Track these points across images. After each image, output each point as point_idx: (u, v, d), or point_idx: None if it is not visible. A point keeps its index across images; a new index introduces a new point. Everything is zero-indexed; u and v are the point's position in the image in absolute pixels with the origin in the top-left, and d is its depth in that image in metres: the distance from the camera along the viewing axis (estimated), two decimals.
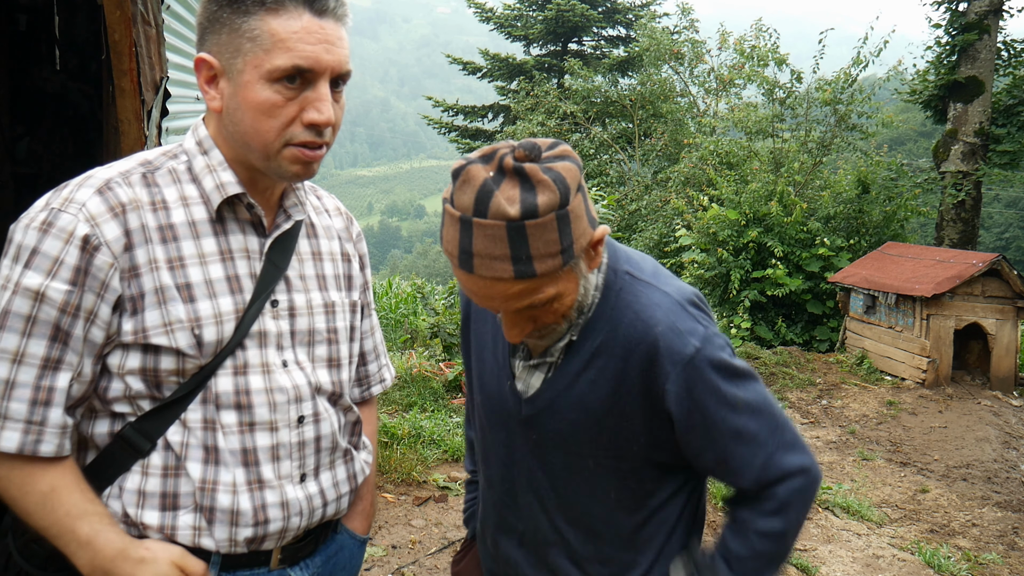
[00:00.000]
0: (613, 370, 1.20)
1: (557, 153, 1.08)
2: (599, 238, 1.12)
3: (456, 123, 21.18)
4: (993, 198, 29.17)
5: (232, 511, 1.18)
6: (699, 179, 12.38)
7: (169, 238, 1.16)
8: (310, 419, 1.27)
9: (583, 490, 1.27)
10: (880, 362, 7.70)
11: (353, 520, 1.45)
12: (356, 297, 1.41)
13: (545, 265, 1.05)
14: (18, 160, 4.36)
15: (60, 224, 1.09)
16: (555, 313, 1.15)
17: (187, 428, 1.17)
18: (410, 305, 10.38)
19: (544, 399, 1.25)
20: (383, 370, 1.57)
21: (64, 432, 1.13)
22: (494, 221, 1.02)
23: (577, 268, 1.12)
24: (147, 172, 1.19)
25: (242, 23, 1.12)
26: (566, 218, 1.04)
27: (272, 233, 1.25)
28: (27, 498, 1.11)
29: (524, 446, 1.30)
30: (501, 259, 1.04)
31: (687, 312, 1.20)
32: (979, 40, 11.59)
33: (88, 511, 1.13)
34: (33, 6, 4.23)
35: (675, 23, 15.97)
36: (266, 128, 1.14)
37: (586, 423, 1.23)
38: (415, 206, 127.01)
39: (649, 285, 1.22)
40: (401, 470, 4.37)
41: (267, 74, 1.11)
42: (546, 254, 1.05)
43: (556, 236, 1.04)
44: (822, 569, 3.75)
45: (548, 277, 1.07)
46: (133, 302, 1.13)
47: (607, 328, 1.20)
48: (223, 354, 1.18)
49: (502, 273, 1.05)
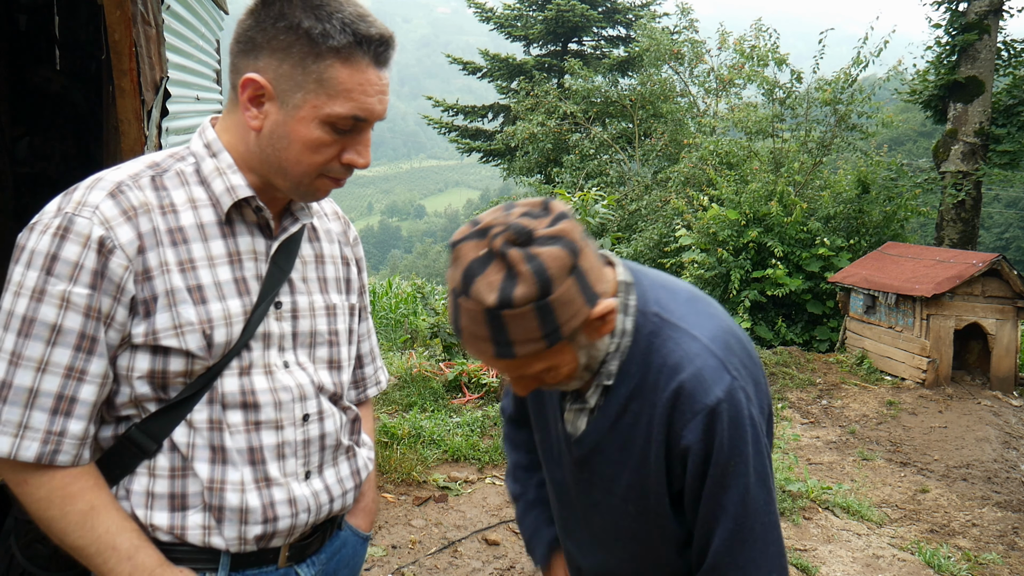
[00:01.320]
0: (647, 415, 1.20)
1: (552, 233, 1.06)
2: (600, 314, 1.11)
3: (456, 123, 21.19)
4: (993, 198, 29.16)
5: (241, 509, 1.19)
6: (699, 179, 12.38)
7: (179, 240, 1.17)
8: (315, 417, 1.28)
9: (631, 534, 1.29)
10: (880, 362, 7.70)
11: (356, 517, 1.47)
12: (354, 300, 1.43)
13: (526, 349, 1.07)
14: (18, 160, 4.36)
15: (76, 228, 1.10)
16: (555, 379, 1.17)
17: (193, 428, 1.18)
18: (410, 305, 10.38)
19: (590, 441, 1.27)
20: (379, 372, 1.60)
21: (83, 443, 1.14)
22: (475, 305, 1.05)
23: (574, 342, 1.12)
24: (156, 175, 1.20)
25: (312, 63, 1.13)
26: (547, 308, 1.04)
27: (279, 236, 1.27)
28: (67, 518, 1.12)
29: (577, 486, 1.33)
30: (483, 339, 1.08)
31: (716, 358, 1.17)
32: (979, 40, 11.59)
33: (126, 527, 1.15)
34: (33, 6, 4.23)
35: (675, 23, 15.97)
36: (308, 162, 1.17)
37: (626, 464, 1.24)
38: (415, 206, 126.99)
39: (678, 328, 1.20)
40: (401, 470, 4.37)
41: (326, 117, 1.14)
42: (526, 340, 1.06)
43: (535, 324, 1.05)
44: (822, 569, 3.75)
45: (532, 357, 1.09)
46: (146, 305, 1.14)
47: (640, 372, 1.20)
48: (230, 355, 1.19)
49: (485, 351, 1.09)
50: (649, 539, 1.28)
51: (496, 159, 20.64)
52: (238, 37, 1.18)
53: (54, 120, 4.37)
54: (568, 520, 1.40)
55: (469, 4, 21.09)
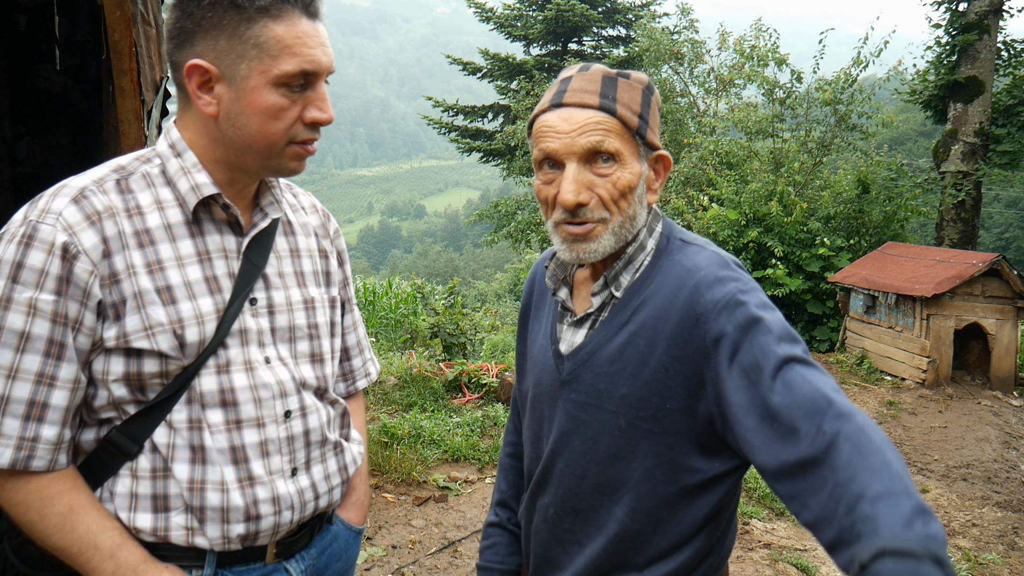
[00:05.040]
0: (654, 321, 1.20)
1: None
2: (666, 157, 1.26)
3: (456, 123, 21.18)
4: (993, 198, 29.17)
5: (223, 508, 1.19)
6: (699, 179, 12.37)
7: (146, 242, 1.17)
8: (297, 413, 1.28)
9: (614, 452, 1.23)
10: (880, 362, 7.70)
11: (347, 511, 1.47)
12: (335, 293, 1.43)
13: (624, 111, 1.20)
14: (18, 160, 4.36)
15: (40, 236, 1.10)
16: (612, 187, 1.20)
17: (173, 429, 1.18)
18: (410, 305, 10.39)
19: (584, 352, 1.26)
20: (367, 364, 1.59)
21: (58, 447, 1.14)
22: (593, 73, 1.23)
23: (645, 159, 1.24)
24: (120, 178, 1.20)
25: (245, 29, 1.12)
26: (649, 98, 1.24)
27: (249, 232, 1.26)
28: (46, 520, 1.12)
29: (563, 411, 1.29)
30: (591, 93, 1.20)
31: (730, 267, 1.22)
32: (979, 40, 11.59)
33: (107, 526, 1.15)
34: (33, 6, 4.23)
35: (675, 23, 15.94)
36: (273, 130, 1.16)
37: (622, 374, 1.21)
38: (415, 206, 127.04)
39: (699, 247, 1.27)
40: (401, 470, 4.37)
41: (275, 79, 1.14)
42: (627, 104, 1.21)
43: (639, 100, 1.22)
44: (822, 569, 3.75)
45: (620, 130, 1.20)
46: (115, 308, 1.14)
47: (653, 285, 1.24)
48: (205, 354, 1.19)
49: (588, 100, 1.20)
50: (629, 461, 1.21)
51: (496, 159, 20.64)
52: (168, 34, 1.18)
53: (54, 120, 4.37)
54: (543, 454, 1.33)
55: (469, 4, 21.09)
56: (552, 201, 1.24)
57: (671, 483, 1.21)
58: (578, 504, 1.28)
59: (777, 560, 3.79)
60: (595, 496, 1.26)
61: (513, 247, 18.78)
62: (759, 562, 3.76)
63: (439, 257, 60.38)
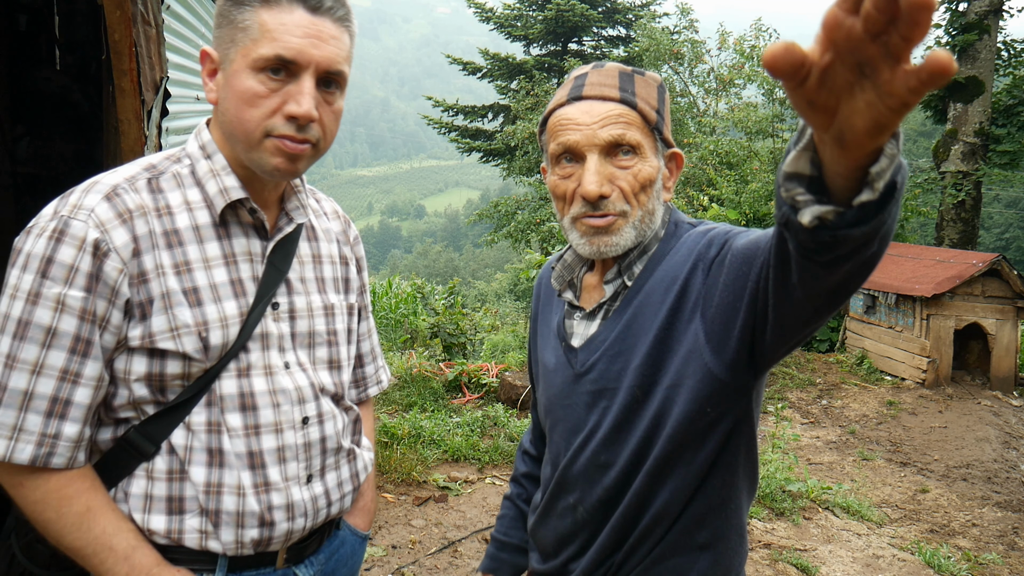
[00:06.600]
0: (668, 282, 1.21)
1: None
2: (679, 155, 1.28)
3: (456, 123, 21.17)
4: (993, 198, 29.16)
5: (238, 513, 1.19)
6: (699, 179, 12.37)
7: (174, 243, 1.16)
8: (314, 420, 1.27)
9: (630, 424, 1.20)
10: (880, 362, 7.69)
11: (355, 516, 1.47)
12: (353, 300, 1.42)
13: (643, 104, 1.21)
14: (18, 160, 4.35)
15: (72, 231, 1.09)
16: (633, 179, 1.20)
17: (191, 431, 1.17)
18: (410, 305, 10.38)
19: (598, 341, 1.26)
20: (380, 372, 1.59)
21: (78, 445, 1.13)
22: (609, 69, 1.24)
23: (661, 156, 1.25)
24: (152, 177, 1.19)
25: (237, 15, 1.13)
26: (663, 96, 1.26)
27: (274, 236, 1.26)
28: (63, 519, 1.12)
29: (582, 405, 1.27)
30: (610, 86, 1.21)
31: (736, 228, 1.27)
32: (979, 40, 11.59)
33: (123, 527, 1.15)
34: (33, 6, 4.23)
35: (675, 23, 15.96)
36: (247, 117, 1.13)
37: (642, 342, 1.20)
38: (415, 206, 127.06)
39: (708, 223, 1.30)
40: (401, 470, 4.37)
41: (252, 63, 1.12)
42: (645, 99, 1.22)
43: (655, 95, 1.24)
44: (822, 569, 3.75)
45: (640, 124, 1.20)
46: (141, 308, 1.13)
47: (663, 265, 1.24)
48: (227, 357, 1.18)
49: (609, 93, 1.20)
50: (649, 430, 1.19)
51: (496, 159, 20.63)
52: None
53: (54, 120, 4.36)
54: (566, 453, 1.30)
55: (469, 4, 21.08)
56: (571, 196, 1.22)
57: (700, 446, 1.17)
58: (605, 496, 1.25)
59: (777, 560, 3.79)
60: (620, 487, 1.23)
61: (513, 247, 18.77)
62: (759, 562, 3.76)
63: (439, 257, 60.35)
